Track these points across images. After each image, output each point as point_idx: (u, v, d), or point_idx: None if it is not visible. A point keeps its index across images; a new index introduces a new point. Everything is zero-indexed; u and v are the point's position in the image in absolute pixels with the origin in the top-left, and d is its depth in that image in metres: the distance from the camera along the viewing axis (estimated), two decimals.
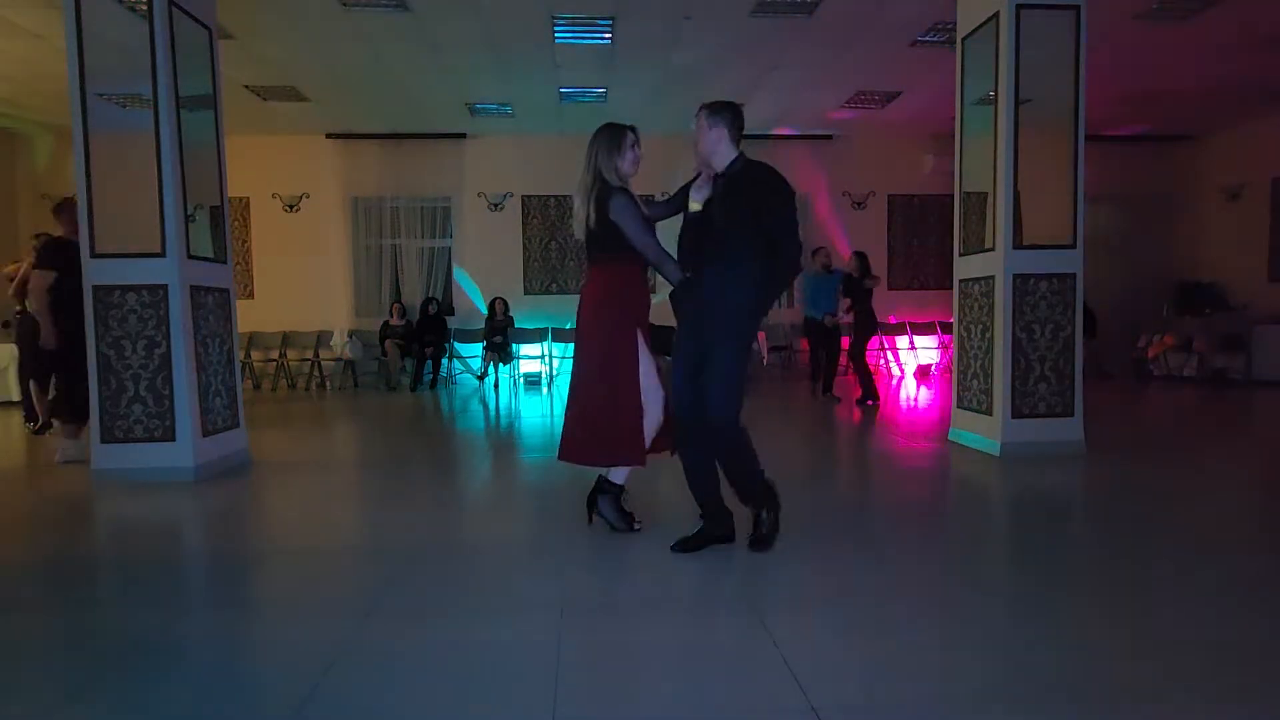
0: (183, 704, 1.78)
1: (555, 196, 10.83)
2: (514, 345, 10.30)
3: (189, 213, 4.54)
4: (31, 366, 6.32)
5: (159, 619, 2.33)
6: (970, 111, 5.23)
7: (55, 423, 6.59)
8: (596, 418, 2.92)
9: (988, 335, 4.94)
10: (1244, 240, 10.50)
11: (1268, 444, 5.54)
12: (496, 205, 10.84)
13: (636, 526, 3.03)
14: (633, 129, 3.09)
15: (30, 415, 6.56)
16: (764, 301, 2.80)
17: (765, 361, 10.16)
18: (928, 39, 7.38)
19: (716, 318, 2.75)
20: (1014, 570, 2.79)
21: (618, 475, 3.04)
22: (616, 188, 2.94)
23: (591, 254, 3.01)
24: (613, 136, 3.03)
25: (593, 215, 2.91)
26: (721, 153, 2.86)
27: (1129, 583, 2.52)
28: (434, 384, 10.14)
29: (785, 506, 2.93)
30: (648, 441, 2.96)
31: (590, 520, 3.10)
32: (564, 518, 3.27)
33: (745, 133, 2.91)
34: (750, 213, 2.73)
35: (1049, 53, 4.72)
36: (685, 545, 2.87)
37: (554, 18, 6.82)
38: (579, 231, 3.01)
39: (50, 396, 5.65)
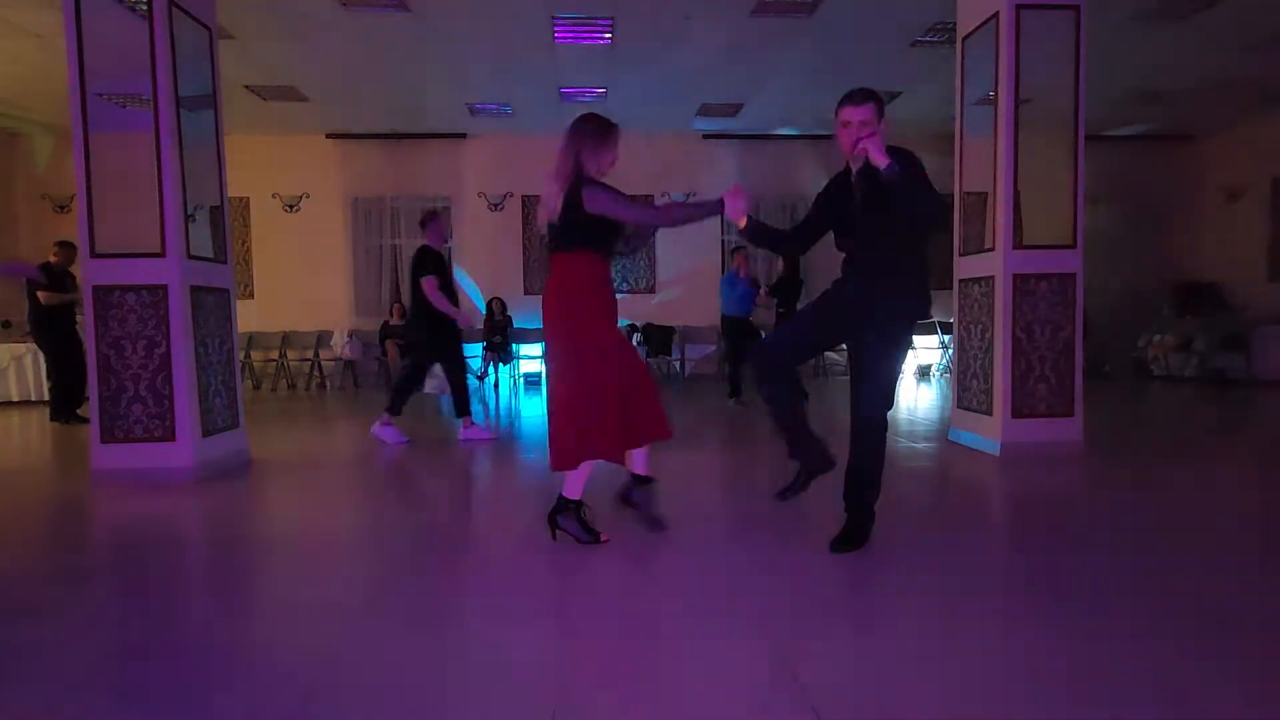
0: (182, 704, 1.78)
1: None
2: (514, 345, 10.30)
3: (189, 213, 4.54)
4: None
5: (158, 619, 2.33)
6: (970, 111, 5.23)
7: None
8: (572, 413, 2.79)
9: (988, 335, 4.94)
10: (1244, 240, 10.50)
11: (1268, 444, 5.54)
12: (496, 205, 10.84)
13: (604, 539, 2.90)
14: (617, 126, 2.93)
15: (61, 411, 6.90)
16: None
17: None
18: (928, 39, 7.39)
19: (879, 323, 2.70)
20: (1014, 570, 2.79)
21: (572, 490, 2.88)
22: (592, 180, 2.82)
23: (554, 245, 2.87)
24: (601, 129, 2.86)
25: (560, 206, 2.79)
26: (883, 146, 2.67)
27: (1129, 583, 2.51)
28: None
29: (786, 506, 2.93)
30: (640, 437, 2.87)
31: (554, 537, 2.94)
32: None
33: (745, 133, 2.91)
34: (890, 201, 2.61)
35: (1049, 53, 4.72)
36: (789, 492, 2.85)
37: (554, 18, 6.83)
38: (542, 218, 2.89)
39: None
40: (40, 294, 6.82)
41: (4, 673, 1.96)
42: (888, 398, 2.76)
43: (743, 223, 2.87)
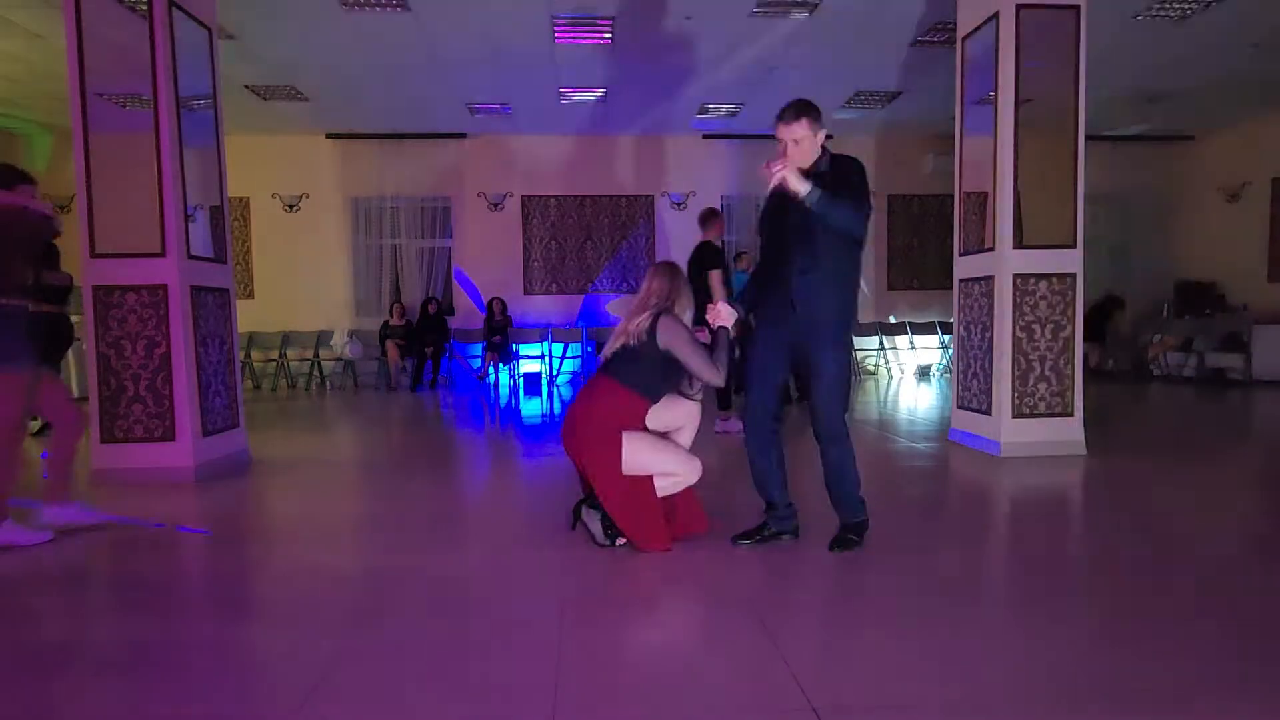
0: (182, 705, 1.78)
1: (555, 197, 10.84)
2: (514, 345, 10.30)
3: (189, 213, 4.54)
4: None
5: (157, 619, 2.33)
6: (970, 111, 5.23)
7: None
8: (627, 506, 2.83)
9: (988, 335, 4.94)
10: (1244, 240, 10.50)
11: (1268, 444, 5.54)
12: (496, 205, 10.84)
13: (620, 543, 2.91)
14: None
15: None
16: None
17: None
18: (928, 39, 7.38)
19: (817, 326, 2.73)
20: (1014, 571, 2.79)
21: None
22: (675, 316, 2.91)
23: (610, 367, 2.93)
24: (683, 284, 2.99)
25: (644, 332, 2.83)
26: (814, 154, 2.77)
27: (1129, 583, 2.51)
28: (434, 384, 10.14)
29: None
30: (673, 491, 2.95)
31: (573, 526, 3.04)
32: (563, 517, 3.26)
33: (745, 133, 2.92)
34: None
35: (1049, 53, 4.72)
36: (748, 538, 2.91)
37: (554, 18, 6.82)
38: (610, 348, 2.94)
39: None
40: None
41: (3, 673, 1.96)
42: (844, 405, 2.80)
43: (734, 317, 2.92)
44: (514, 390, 9.83)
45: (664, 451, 2.88)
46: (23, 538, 3.08)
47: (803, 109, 2.73)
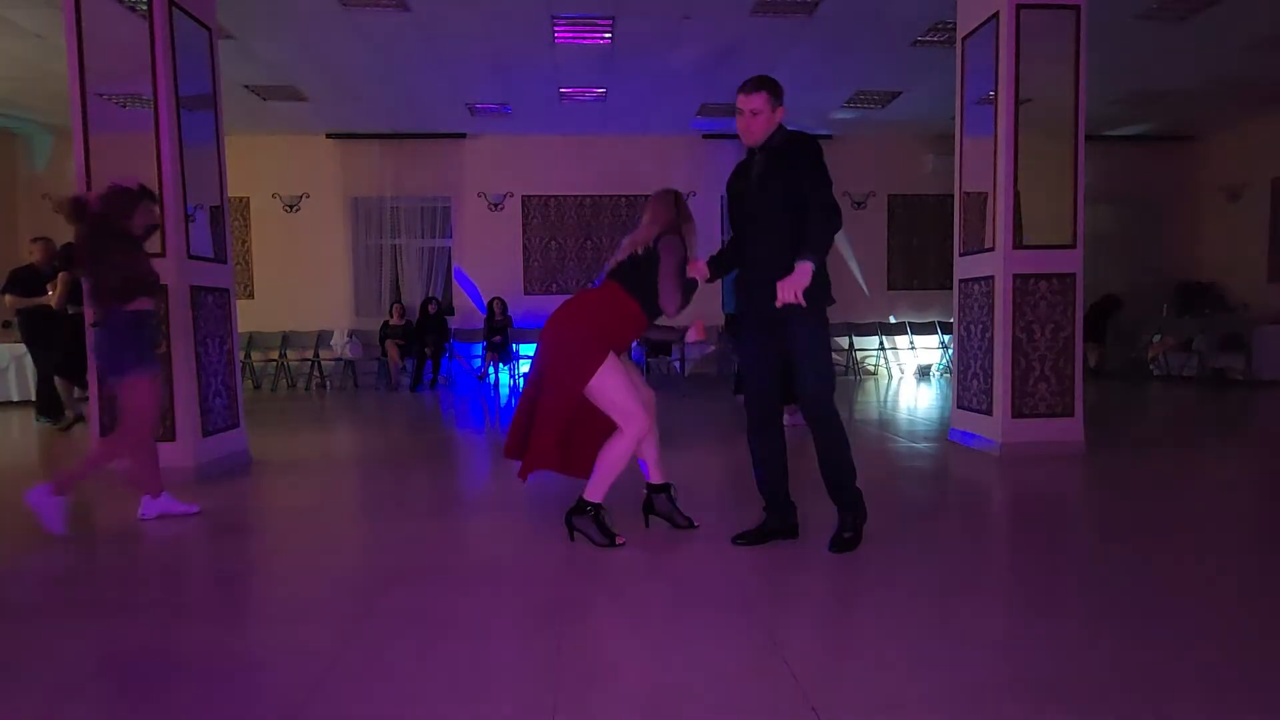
0: (181, 704, 1.77)
1: (555, 196, 10.84)
2: (514, 345, 10.30)
3: (189, 213, 4.54)
4: (50, 363, 6.54)
5: (157, 619, 2.33)
6: (970, 111, 5.23)
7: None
8: (557, 422, 2.81)
9: (988, 335, 4.94)
10: (1244, 240, 10.51)
11: (1268, 444, 5.54)
12: (496, 205, 10.85)
13: (620, 542, 2.90)
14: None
15: (48, 410, 6.71)
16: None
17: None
18: (928, 39, 7.39)
19: (800, 318, 2.71)
20: (1014, 571, 2.79)
21: (594, 493, 2.89)
22: (681, 238, 2.93)
23: (615, 274, 2.93)
24: (687, 210, 3.04)
25: (652, 241, 2.88)
26: (770, 128, 2.79)
27: (1129, 583, 2.51)
28: (434, 384, 10.15)
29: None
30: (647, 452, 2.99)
31: (571, 538, 2.97)
32: (563, 518, 3.26)
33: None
34: (793, 183, 2.69)
35: (1049, 53, 4.72)
36: (747, 538, 2.89)
37: (554, 18, 6.83)
38: (617, 257, 2.96)
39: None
40: (6, 298, 6.38)
41: (3, 673, 1.96)
42: (830, 386, 2.78)
43: (705, 277, 2.95)
44: (514, 390, 9.83)
45: (628, 394, 2.82)
46: (178, 507, 3.47)
47: (763, 83, 2.77)
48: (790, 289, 2.54)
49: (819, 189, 2.68)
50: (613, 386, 2.79)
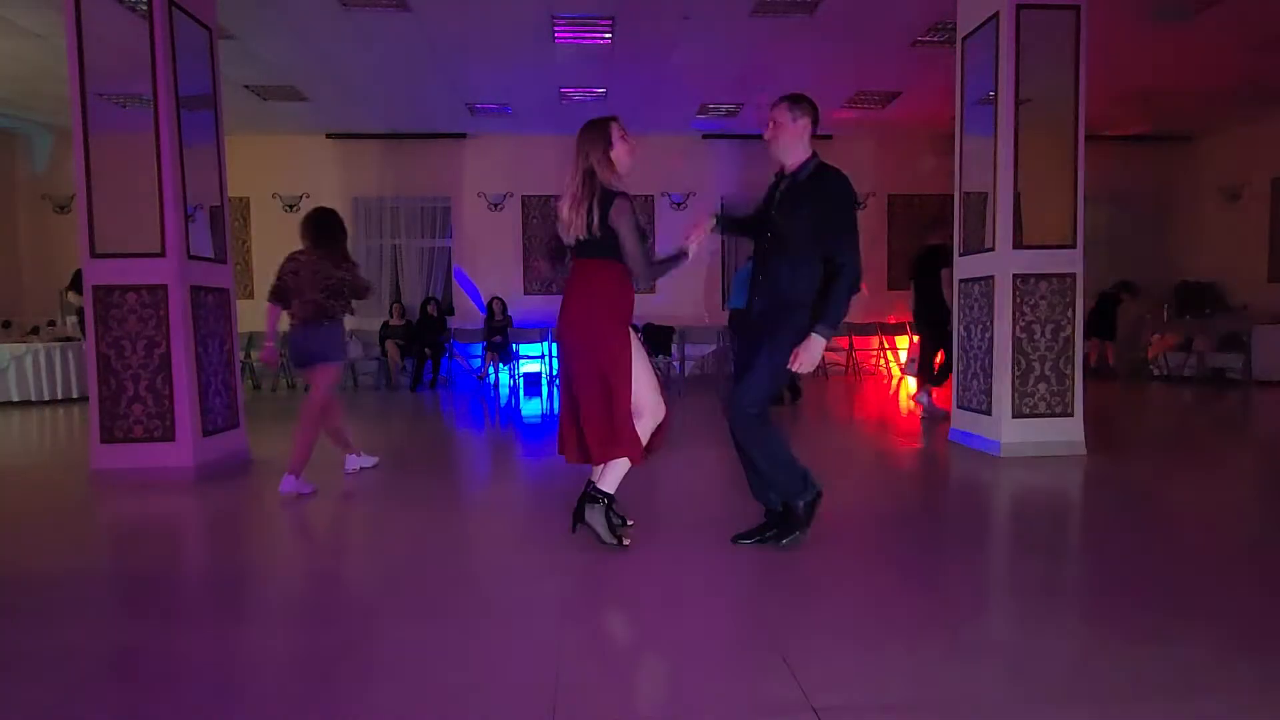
0: (181, 704, 1.77)
1: (555, 196, 10.78)
2: (514, 345, 10.30)
3: (189, 213, 4.54)
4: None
5: (158, 619, 2.33)
6: (970, 111, 5.23)
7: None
8: (593, 416, 2.80)
9: (988, 335, 4.94)
10: (1243, 240, 10.51)
11: (1267, 444, 5.54)
12: (496, 205, 10.84)
13: (625, 543, 2.87)
14: (615, 119, 2.94)
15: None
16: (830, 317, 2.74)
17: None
18: (928, 39, 7.39)
19: (779, 311, 2.75)
20: (1014, 571, 2.79)
21: (608, 483, 2.84)
22: (618, 192, 2.83)
23: (582, 253, 2.88)
24: (598, 133, 2.86)
25: (595, 220, 2.77)
26: (798, 151, 2.82)
27: (1129, 583, 2.51)
28: (434, 384, 10.14)
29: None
30: (645, 439, 2.87)
31: (574, 529, 2.93)
32: (563, 517, 3.26)
33: (745, 133, 2.92)
34: (810, 223, 2.72)
35: (1049, 53, 4.72)
36: (748, 537, 2.91)
37: (554, 18, 6.83)
38: (568, 237, 2.88)
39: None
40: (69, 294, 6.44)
41: (3, 673, 1.96)
42: (769, 394, 2.80)
43: (711, 224, 2.98)
44: (514, 390, 9.82)
45: (650, 385, 2.87)
46: (308, 489, 3.96)
47: (790, 97, 2.84)
48: (802, 365, 2.67)
49: (843, 245, 2.69)
50: (635, 374, 2.82)
